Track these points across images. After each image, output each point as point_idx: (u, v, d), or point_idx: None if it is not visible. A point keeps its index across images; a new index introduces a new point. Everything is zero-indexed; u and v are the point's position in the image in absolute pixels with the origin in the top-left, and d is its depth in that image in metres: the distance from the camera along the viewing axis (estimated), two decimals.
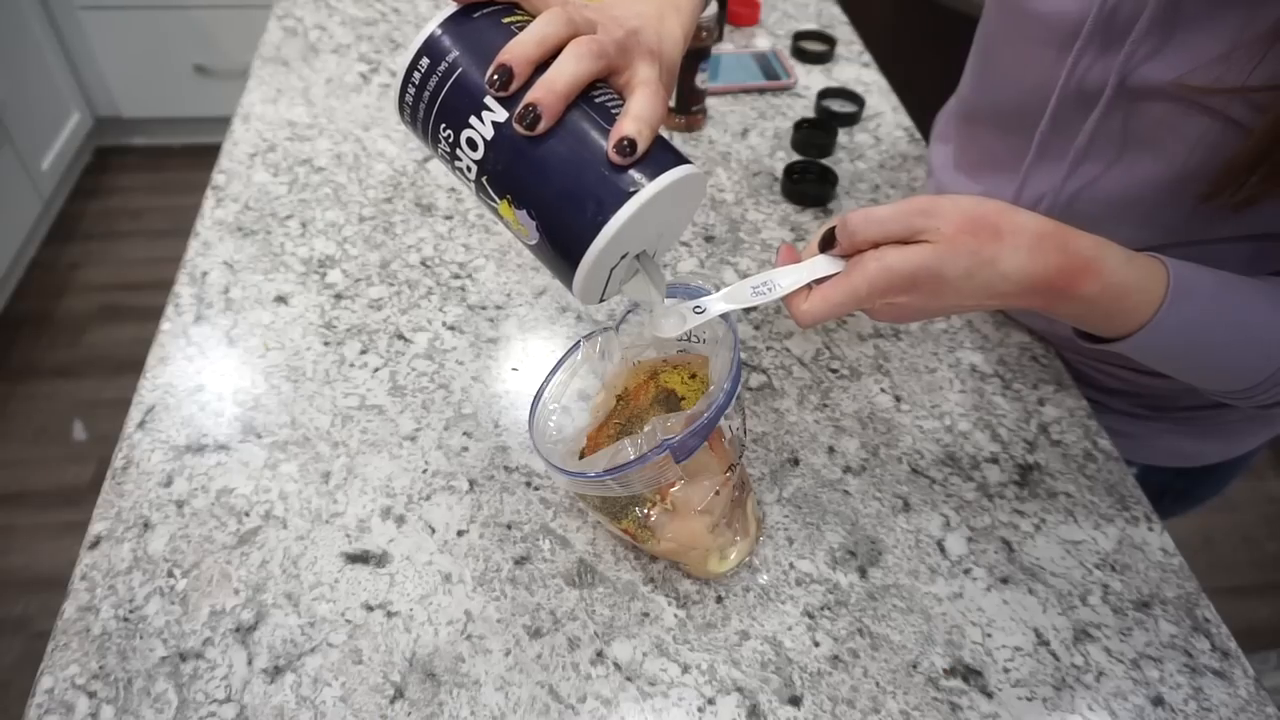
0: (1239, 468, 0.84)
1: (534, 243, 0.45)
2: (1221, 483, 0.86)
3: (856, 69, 1.10)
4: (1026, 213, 0.48)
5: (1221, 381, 0.55)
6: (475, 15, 0.45)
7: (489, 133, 0.43)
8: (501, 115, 0.43)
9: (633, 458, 0.49)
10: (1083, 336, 0.56)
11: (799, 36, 1.12)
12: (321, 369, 0.69)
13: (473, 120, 0.44)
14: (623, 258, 0.46)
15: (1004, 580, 0.59)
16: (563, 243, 0.44)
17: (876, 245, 0.48)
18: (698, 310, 0.52)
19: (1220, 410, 0.74)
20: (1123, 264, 0.49)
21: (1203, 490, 0.85)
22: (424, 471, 0.63)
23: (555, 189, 0.43)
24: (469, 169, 0.45)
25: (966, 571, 0.59)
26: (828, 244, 0.50)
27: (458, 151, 0.45)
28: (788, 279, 0.50)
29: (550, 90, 0.42)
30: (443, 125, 0.45)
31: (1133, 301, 0.50)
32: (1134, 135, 0.58)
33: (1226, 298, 0.52)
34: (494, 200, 0.45)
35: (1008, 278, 0.47)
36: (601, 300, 0.49)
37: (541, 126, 0.42)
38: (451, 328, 0.74)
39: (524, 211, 0.44)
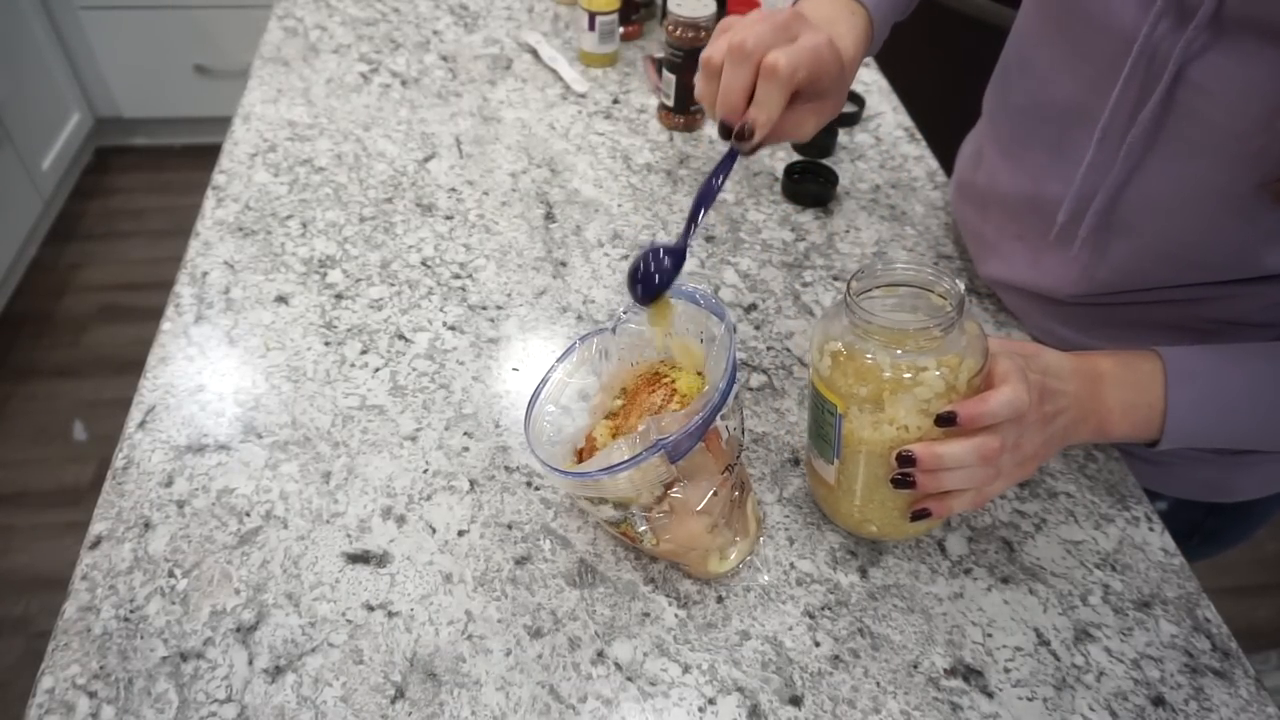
0: (1273, 509, 0.78)
1: None
2: (1256, 523, 0.80)
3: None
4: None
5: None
6: None
7: None
8: None
9: (627, 458, 0.49)
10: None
11: None
12: (322, 369, 0.69)
13: None
14: None
15: (1004, 580, 0.59)
16: None
17: None
18: None
19: None
20: (1121, 417, 0.57)
21: (1235, 531, 0.80)
22: (424, 471, 0.63)
23: None
24: None
25: (967, 571, 0.59)
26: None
27: None
28: None
29: None
30: None
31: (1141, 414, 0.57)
32: (1185, 133, 0.56)
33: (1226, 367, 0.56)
34: None
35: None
36: None
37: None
38: (452, 328, 0.74)
39: None
